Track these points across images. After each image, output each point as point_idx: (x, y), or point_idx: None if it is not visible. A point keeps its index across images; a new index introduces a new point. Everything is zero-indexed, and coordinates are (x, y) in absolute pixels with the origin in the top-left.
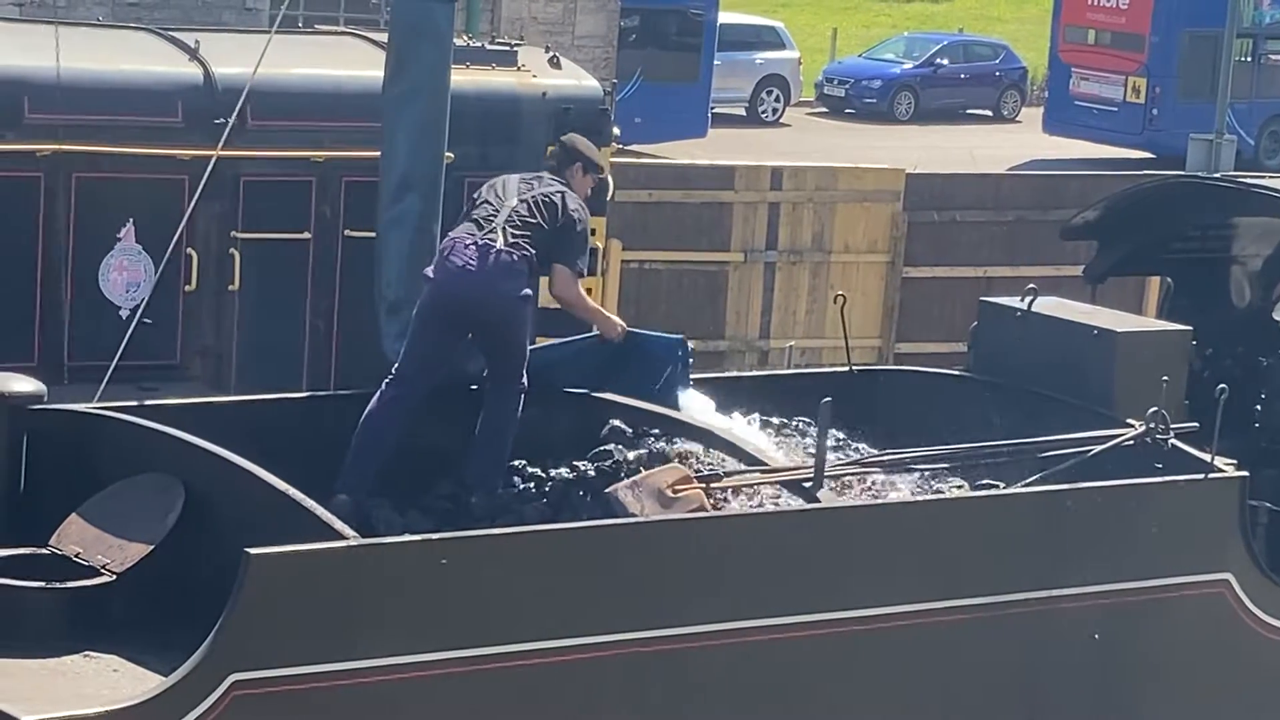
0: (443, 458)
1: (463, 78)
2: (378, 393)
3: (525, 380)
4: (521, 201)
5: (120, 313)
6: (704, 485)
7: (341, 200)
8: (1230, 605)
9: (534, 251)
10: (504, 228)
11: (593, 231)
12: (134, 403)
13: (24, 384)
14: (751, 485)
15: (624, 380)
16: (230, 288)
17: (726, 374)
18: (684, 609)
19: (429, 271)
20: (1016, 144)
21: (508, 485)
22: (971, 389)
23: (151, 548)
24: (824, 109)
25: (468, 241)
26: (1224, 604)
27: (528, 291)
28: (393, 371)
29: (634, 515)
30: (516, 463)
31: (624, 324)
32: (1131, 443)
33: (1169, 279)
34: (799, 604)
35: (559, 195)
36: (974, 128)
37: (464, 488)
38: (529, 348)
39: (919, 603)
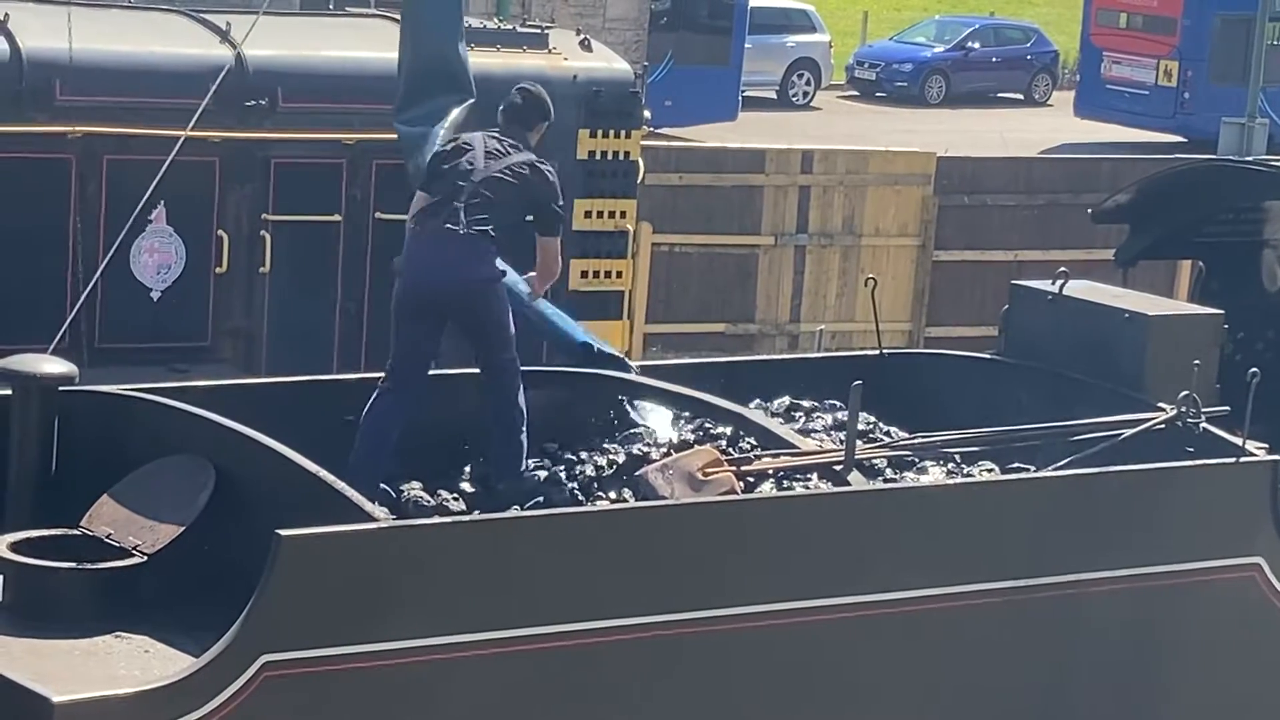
0: (473, 439)
1: (493, 60)
2: (375, 391)
3: (516, 357)
4: (485, 179)
5: (151, 295)
6: (735, 468)
7: (372, 183)
8: (1261, 589)
9: (498, 227)
10: (466, 207)
11: (623, 214)
12: (165, 384)
13: (55, 365)
14: (782, 468)
15: None
16: (261, 270)
17: (757, 357)
18: (715, 592)
19: (397, 261)
20: (1048, 127)
21: (537, 467)
22: (1002, 372)
23: (182, 529)
24: (855, 92)
25: (431, 227)
26: (1255, 588)
27: (496, 271)
28: (386, 369)
29: (665, 498)
30: (549, 446)
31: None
32: (1163, 426)
33: (1201, 262)
34: (829, 587)
35: (526, 167)
36: (1005, 111)
37: (488, 477)
38: (510, 322)
39: (949, 586)
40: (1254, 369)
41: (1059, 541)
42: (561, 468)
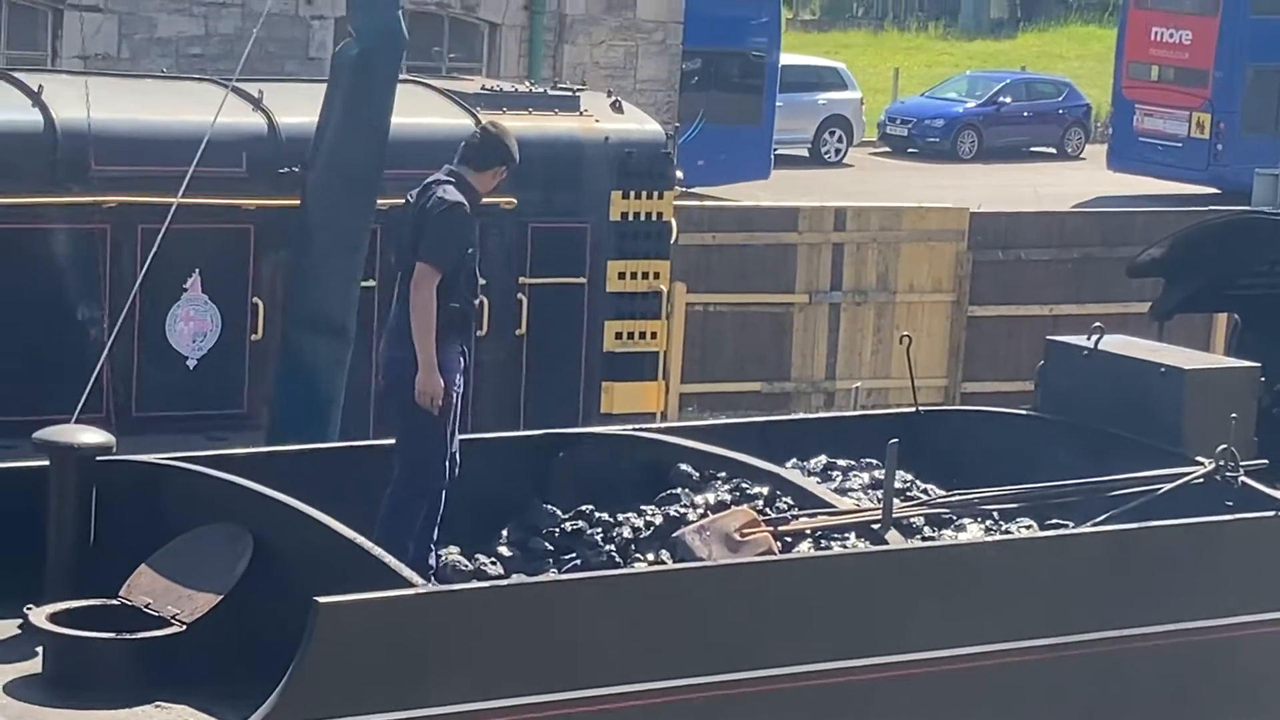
0: (510, 505)
1: (525, 123)
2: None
3: (431, 483)
4: (406, 241)
5: (187, 363)
6: (772, 529)
7: None
8: None
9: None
10: (401, 280)
11: (656, 275)
12: (201, 453)
13: (93, 435)
14: (820, 528)
15: None
16: None
17: (792, 416)
18: (753, 652)
19: None
20: (1081, 181)
21: (573, 530)
22: (1039, 428)
23: (221, 597)
24: (887, 149)
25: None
26: None
27: (411, 352)
28: None
29: (702, 559)
30: (585, 508)
31: (440, 392)
32: (1201, 481)
33: (1236, 315)
34: (869, 647)
35: (428, 202)
36: (1038, 165)
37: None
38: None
39: (989, 644)
40: None
41: (1099, 598)
42: (599, 530)
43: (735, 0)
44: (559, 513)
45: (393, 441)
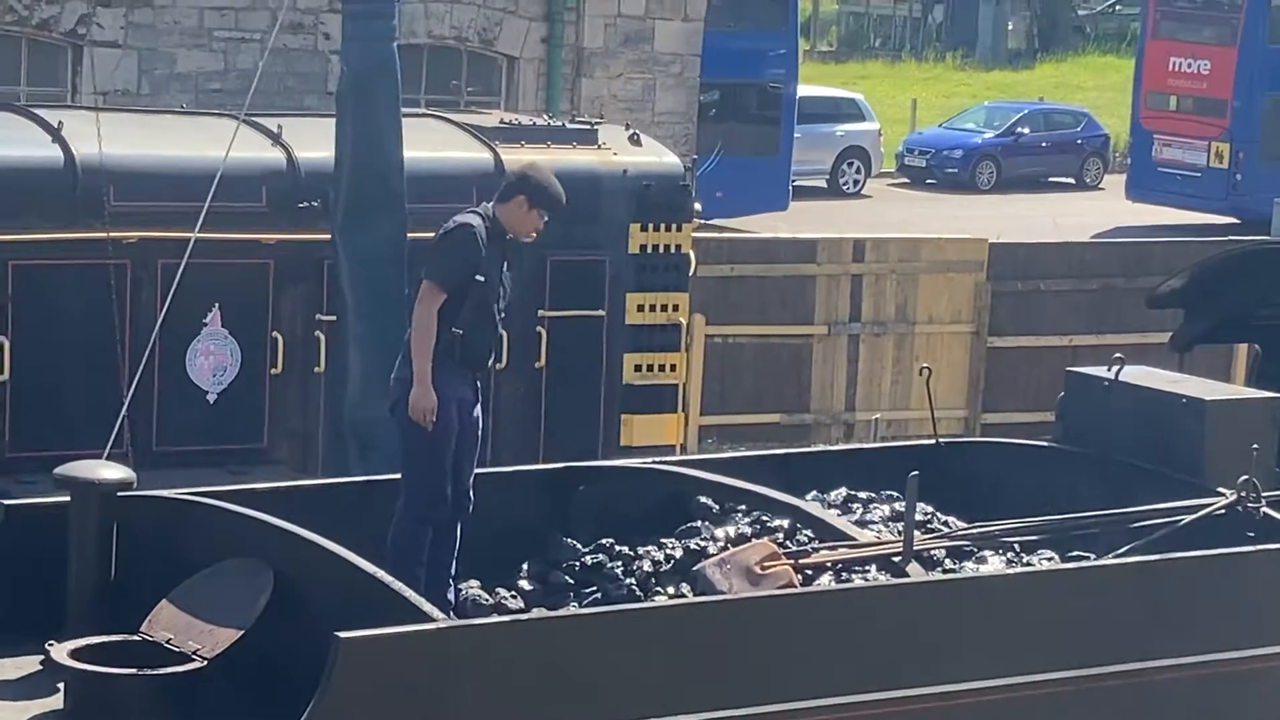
0: (530, 538)
1: (544, 157)
2: None
3: (429, 510)
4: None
5: (207, 397)
6: (792, 561)
7: None
8: None
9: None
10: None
11: (675, 307)
12: (222, 487)
13: (113, 471)
14: (840, 561)
15: None
16: (315, 370)
17: (812, 449)
18: (775, 686)
19: None
20: (1100, 211)
21: (594, 563)
22: (1059, 460)
23: (242, 633)
24: (905, 180)
25: None
26: None
27: (408, 374)
28: None
29: (722, 593)
30: (605, 541)
31: (433, 408)
32: (1223, 512)
33: (1257, 346)
34: (890, 679)
35: (442, 226)
36: (1056, 196)
37: None
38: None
39: (1011, 676)
40: None
41: (1121, 629)
42: (619, 563)
43: (753, 32)
44: (579, 546)
45: None
